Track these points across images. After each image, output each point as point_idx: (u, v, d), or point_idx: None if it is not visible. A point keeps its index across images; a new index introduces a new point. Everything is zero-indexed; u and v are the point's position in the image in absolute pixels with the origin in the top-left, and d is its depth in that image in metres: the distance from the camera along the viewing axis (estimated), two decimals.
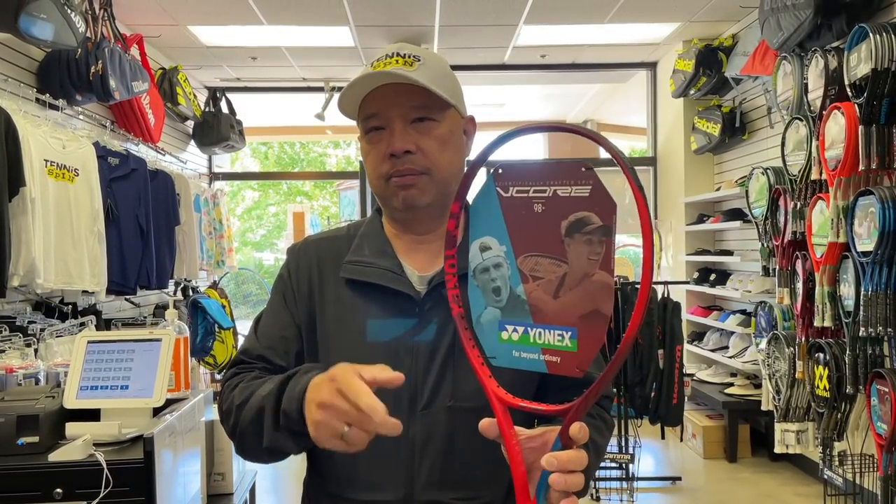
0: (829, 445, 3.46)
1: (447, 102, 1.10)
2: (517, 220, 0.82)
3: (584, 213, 0.77)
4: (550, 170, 0.80)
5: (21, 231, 3.00)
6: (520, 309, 0.82)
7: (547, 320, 0.80)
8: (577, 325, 0.78)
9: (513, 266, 0.82)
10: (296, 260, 1.20)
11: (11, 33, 3.04)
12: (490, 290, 0.84)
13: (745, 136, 5.03)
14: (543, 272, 0.80)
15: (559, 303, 0.79)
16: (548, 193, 0.79)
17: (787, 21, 3.66)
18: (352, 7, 4.72)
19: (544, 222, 0.80)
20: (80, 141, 3.54)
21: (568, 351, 0.78)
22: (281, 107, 7.91)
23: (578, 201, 0.77)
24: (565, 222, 0.78)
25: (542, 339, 0.81)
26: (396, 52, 1.10)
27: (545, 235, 0.79)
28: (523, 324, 0.82)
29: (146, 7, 4.59)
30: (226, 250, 5.83)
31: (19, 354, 2.50)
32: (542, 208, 0.80)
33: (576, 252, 0.77)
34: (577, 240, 0.77)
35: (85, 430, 1.61)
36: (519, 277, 0.82)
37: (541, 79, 6.97)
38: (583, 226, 0.77)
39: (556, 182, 0.79)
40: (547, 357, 0.80)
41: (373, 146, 1.11)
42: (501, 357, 0.84)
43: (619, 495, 4.11)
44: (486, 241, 0.84)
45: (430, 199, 1.12)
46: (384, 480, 1.07)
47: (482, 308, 0.85)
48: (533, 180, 0.80)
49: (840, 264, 3.25)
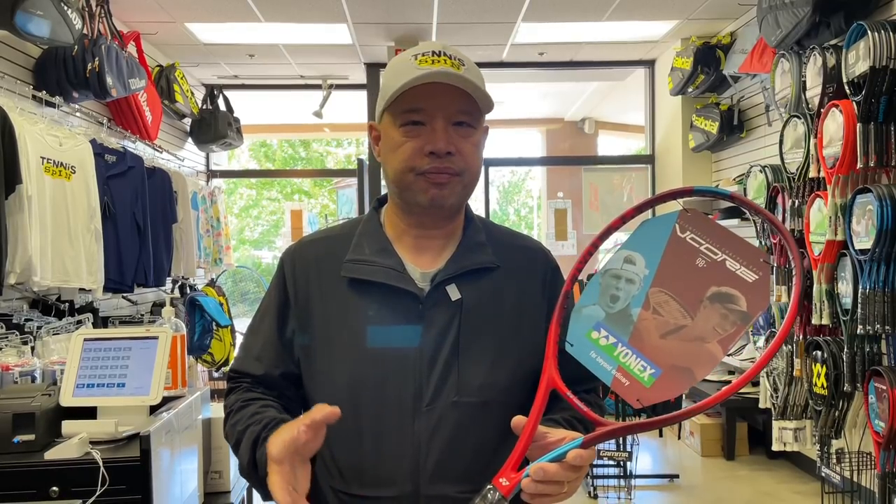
0: (827, 443, 3.46)
1: (485, 110, 1.13)
2: (674, 259, 0.86)
3: (738, 293, 0.81)
4: (732, 241, 0.84)
5: (17, 229, 2.99)
6: (624, 325, 0.86)
7: (641, 349, 0.84)
8: (664, 369, 0.82)
9: (644, 290, 0.86)
10: (292, 262, 1.19)
11: (8, 30, 3.03)
12: (608, 293, 0.88)
13: (743, 134, 5.03)
14: (666, 312, 0.84)
15: (662, 342, 0.83)
16: (717, 257, 0.84)
17: (786, 19, 3.65)
18: (349, 4, 4.72)
19: (696, 276, 0.84)
20: (77, 138, 3.53)
21: (641, 382, 0.82)
22: (279, 104, 7.90)
23: (739, 281, 0.81)
24: (715, 289, 0.82)
25: (625, 359, 0.84)
26: (442, 50, 1.10)
27: (690, 286, 0.84)
28: (618, 337, 0.86)
29: (143, 4, 4.58)
30: (223, 248, 5.82)
31: (16, 352, 2.50)
32: (703, 264, 0.84)
33: (706, 316, 0.82)
34: (715, 309, 0.81)
35: (81, 428, 1.61)
36: (642, 302, 0.86)
37: (539, 77, 6.97)
38: (728, 301, 0.81)
39: (731, 253, 0.83)
40: (618, 375, 0.84)
41: (409, 139, 1.10)
42: (578, 349, 0.88)
43: (616, 493, 4.11)
44: (634, 256, 0.88)
45: (455, 201, 1.13)
46: (390, 475, 1.08)
47: (590, 302, 0.89)
48: (712, 239, 0.85)
49: (838, 262, 3.25)
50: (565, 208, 7.01)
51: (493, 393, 1.10)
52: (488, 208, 6.66)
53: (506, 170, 15.49)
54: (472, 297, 1.13)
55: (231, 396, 1.17)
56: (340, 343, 1.12)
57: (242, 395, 1.15)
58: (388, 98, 1.10)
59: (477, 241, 1.18)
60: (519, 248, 1.23)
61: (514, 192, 16.29)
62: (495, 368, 1.11)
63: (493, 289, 1.15)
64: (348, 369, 1.10)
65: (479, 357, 1.10)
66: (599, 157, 8.73)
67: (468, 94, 1.09)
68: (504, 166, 11.89)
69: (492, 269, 1.16)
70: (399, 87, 1.07)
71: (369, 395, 1.09)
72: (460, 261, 1.15)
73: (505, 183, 16.00)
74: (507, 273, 1.17)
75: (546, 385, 0.91)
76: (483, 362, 1.10)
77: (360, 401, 1.09)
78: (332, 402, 1.11)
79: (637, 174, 6.39)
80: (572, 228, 7.06)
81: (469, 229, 1.20)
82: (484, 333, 1.12)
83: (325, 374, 1.13)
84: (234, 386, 1.19)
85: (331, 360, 1.12)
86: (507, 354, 1.12)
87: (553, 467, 0.85)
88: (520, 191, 16.30)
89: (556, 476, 0.85)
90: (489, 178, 6.70)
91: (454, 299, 1.12)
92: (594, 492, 4.08)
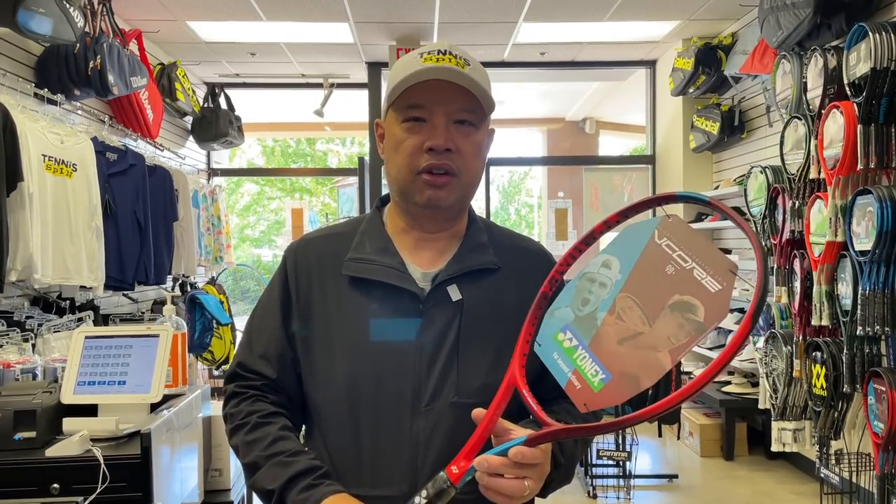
0: (826, 444, 3.46)
1: (487, 111, 1.13)
2: (647, 265, 0.85)
3: (698, 303, 0.79)
4: (706, 249, 0.82)
5: (19, 226, 2.99)
6: (588, 328, 0.86)
7: (598, 353, 0.84)
8: (614, 375, 0.82)
9: (613, 294, 0.86)
10: (294, 259, 1.19)
11: (10, 28, 3.03)
12: (581, 296, 0.89)
13: (744, 135, 5.03)
14: (628, 318, 0.84)
15: (618, 348, 0.83)
16: (687, 265, 0.82)
17: (787, 20, 3.65)
18: (351, 3, 4.72)
19: (663, 283, 0.83)
20: (79, 136, 3.53)
21: (590, 387, 0.83)
22: (280, 103, 7.90)
23: (703, 291, 0.80)
24: (678, 297, 0.81)
25: (581, 363, 0.85)
26: (448, 49, 1.10)
27: (655, 294, 0.83)
28: (580, 341, 0.86)
29: (145, 2, 4.58)
30: (224, 246, 5.83)
31: (16, 349, 2.50)
32: (672, 271, 0.83)
33: (663, 325, 0.80)
34: (674, 317, 0.80)
35: (82, 426, 1.61)
36: (608, 306, 0.86)
37: (540, 76, 6.97)
38: (687, 311, 0.80)
39: (701, 263, 0.81)
40: (573, 377, 0.85)
41: (410, 135, 1.10)
42: (544, 350, 0.90)
43: (615, 493, 4.12)
44: (611, 261, 0.89)
45: (453, 202, 1.13)
46: (388, 475, 1.08)
47: (564, 304, 0.90)
48: (685, 247, 0.83)
49: (838, 263, 3.25)
50: (566, 208, 7.01)
51: (492, 394, 1.09)
52: (489, 208, 6.66)
53: (504, 169, 15.50)
54: (473, 298, 1.13)
55: (241, 405, 1.14)
56: (340, 341, 1.12)
57: (255, 407, 1.13)
58: (391, 94, 1.12)
59: (479, 242, 1.18)
60: (520, 249, 1.23)
61: (513, 191, 16.30)
62: (495, 370, 1.10)
63: (493, 290, 1.15)
64: (347, 367, 1.10)
65: (479, 358, 1.11)
66: (600, 157, 8.73)
67: (471, 92, 1.09)
68: (505, 166, 11.89)
69: (493, 270, 1.16)
70: (401, 81, 1.09)
71: (368, 394, 1.09)
72: (461, 261, 1.15)
73: (504, 182, 16.00)
74: (508, 274, 1.17)
75: (507, 381, 0.94)
76: (483, 363, 1.10)
77: (359, 399, 1.09)
78: (331, 399, 1.12)
79: (638, 174, 6.39)
80: (573, 228, 7.07)
81: (471, 230, 1.20)
82: (484, 334, 1.12)
83: (324, 371, 1.13)
84: (240, 391, 1.16)
85: (330, 357, 1.12)
86: (506, 356, 1.12)
87: (496, 460, 0.89)
88: (519, 190, 16.31)
89: (498, 469, 0.89)
90: (490, 177, 6.70)
91: (455, 300, 1.12)
92: (593, 491, 4.08)
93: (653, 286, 0.83)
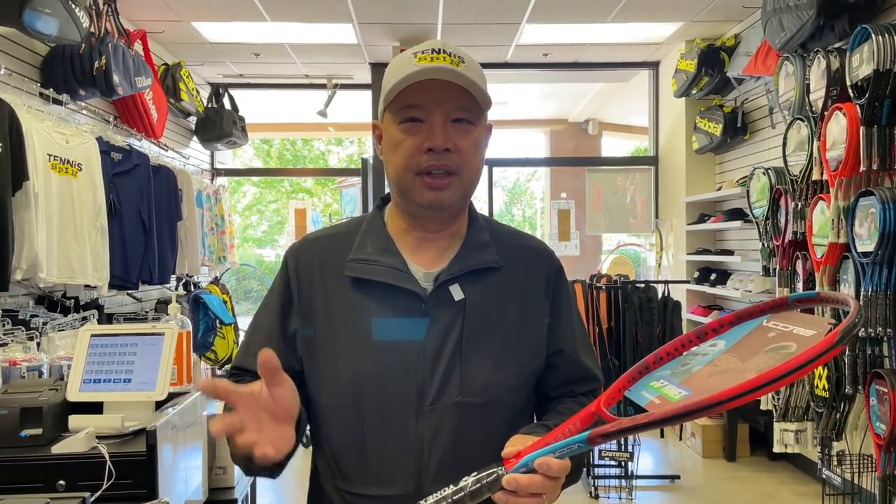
0: (828, 445, 3.47)
1: (484, 107, 1.12)
2: (752, 338, 0.88)
3: (792, 343, 0.81)
4: (814, 322, 0.83)
5: (24, 225, 3.01)
6: (682, 375, 0.88)
7: (684, 383, 0.86)
8: (694, 391, 0.83)
9: (713, 356, 0.88)
10: (296, 259, 1.19)
11: (16, 28, 3.05)
12: (682, 363, 0.91)
13: (747, 137, 5.03)
14: (722, 363, 0.86)
15: (706, 378, 0.84)
16: (788, 328, 0.85)
17: (790, 21, 3.66)
18: (355, 4, 4.73)
19: (763, 342, 0.85)
20: (84, 136, 3.55)
21: (670, 401, 0.84)
22: (283, 103, 7.92)
23: (798, 338, 0.82)
24: (774, 345, 0.83)
25: (666, 390, 0.86)
26: (441, 48, 1.10)
27: (754, 349, 0.85)
28: (670, 381, 0.88)
29: (150, 3, 4.60)
30: (227, 246, 5.84)
31: (21, 348, 2.51)
32: (773, 335, 0.85)
33: (755, 360, 0.82)
34: (766, 355, 0.82)
35: (88, 423, 1.63)
36: (707, 363, 0.88)
37: (543, 77, 6.97)
38: (781, 349, 0.82)
39: (801, 325, 0.84)
40: (655, 400, 0.86)
41: (408, 136, 1.10)
42: (634, 391, 0.92)
43: (617, 493, 4.12)
44: (718, 342, 0.92)
45: (454, 201, 1.13)
46: (393, 474, 1.08)
47: (665, 369, 0.93)
48: (792, 321, 0.86)
49: (840, 265, 3.26)
50: (568, 209, 7.02)
51: (496, 393, 1.10)
52: (492, 209, 6.66)
53: (511, 171, 15.50)
54: (476, 297, 1.12)
55: None
56: (343, 342, 1.11)
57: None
58: (387, 95, 1.11)
59: (481, 241, 1.18)
60: (523, 248, 1.22)
61: (519, 193, 16.30)
62: (498, 369, 1.10)
63: (496, 289, 1.15)
64: (350, 367, 1.10)
65: (483, 357, 1.10)
66: (603, 159, 8.74)
67: (467, 90, 1.08)
68: (507, 167, 11.90)
69: (495, 268, 1.16)
70: (397, 82, 1.08)
71: (372, 393, 1.09)
72: (463, 260, 1.15)
73: (509, 184, 16.01)
74: (511, 273, 1.17)
75: (589, 410, 0.92)
76: (486, 362, 1.10)
77: (364, 399, 1.09)
78: (335, 400, 1.11)
79: (640, 175, 6.40)
80: (575, 229, 7.08)
81: (473, 229, 1.20)
82: (487, 333, 1.12)
83: (328, 372, 1.12)
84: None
85: (333, 358, 1.12)
86: (510, 355, 1.12)
87: (524, 478, 0.89)
88: (524, 193, 16.31)
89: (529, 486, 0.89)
90: (493, 178, 6.71)
91: (457, 299, 1.11)
92: (595, 492, 4.09)
93: (753, 345, 0.86)
